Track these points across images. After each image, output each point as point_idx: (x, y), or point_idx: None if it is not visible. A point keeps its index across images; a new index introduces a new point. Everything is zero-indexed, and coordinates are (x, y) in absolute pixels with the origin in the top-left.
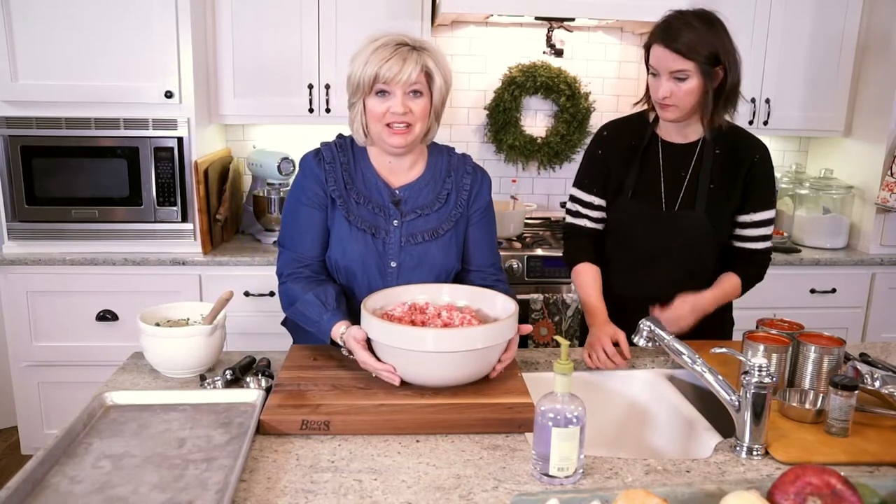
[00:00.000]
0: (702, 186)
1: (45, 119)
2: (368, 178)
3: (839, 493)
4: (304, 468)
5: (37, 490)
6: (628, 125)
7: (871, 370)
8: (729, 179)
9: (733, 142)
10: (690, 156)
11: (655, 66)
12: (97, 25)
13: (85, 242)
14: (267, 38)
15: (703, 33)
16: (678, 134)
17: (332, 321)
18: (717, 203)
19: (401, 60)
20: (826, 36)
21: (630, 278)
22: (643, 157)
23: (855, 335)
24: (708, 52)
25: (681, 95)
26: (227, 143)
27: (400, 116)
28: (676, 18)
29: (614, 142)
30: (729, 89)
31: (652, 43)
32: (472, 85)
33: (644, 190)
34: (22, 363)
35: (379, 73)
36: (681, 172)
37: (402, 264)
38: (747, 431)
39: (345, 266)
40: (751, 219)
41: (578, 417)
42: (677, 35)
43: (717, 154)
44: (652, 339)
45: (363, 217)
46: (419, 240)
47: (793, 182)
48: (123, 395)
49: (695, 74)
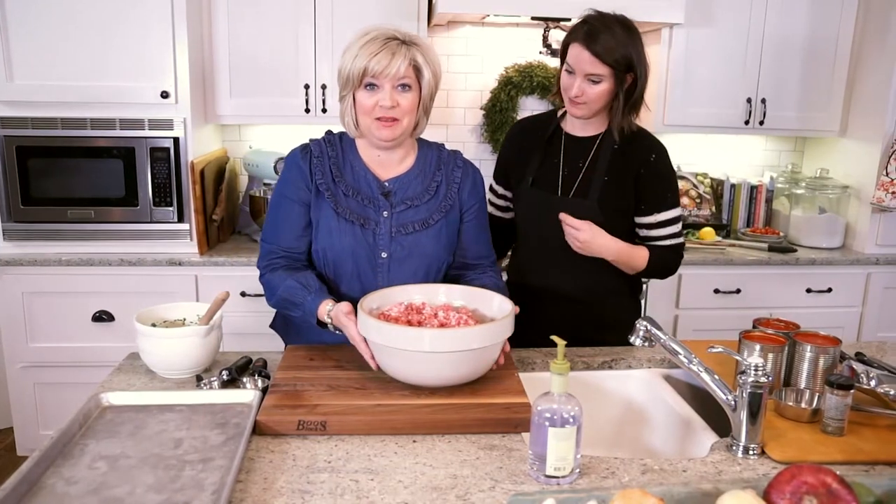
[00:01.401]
0: (597, 177)
1: (40, 119)
2: (357, 171)
3: (835, 493)
4: (300, 468)
5: (32, 491)
6: (536, 120)
7: (866, 369)
8: (623, 174)
9: (632, 139)
10: (590, 148)
11: (572, 64)
12: (93, 26)
13: (81, 243)
14: (263, 38)
15: (622, 40)
16: (581, 127)
17: (316, 300)
18: (610, 195)
19: (389, 54)
20: (821, 36)
21: (535, 268)
22: (546, 148)
23: (851, 334)
24: (624, 59)
25: (592, 96)
26: (223, 144)
27: (388, 110)
28: (599, 21)
29: (521, 135)
30: (637, 96)
31: (571, 41)
32: (469, 85)
33: (543, 179)
34: (18, 364)
35: (368, 67)
36: (579, 163)
37: (393, 254)
38: (743, 431)
39: (333, 257)
40: (654, 219)
41: (575, 417)
42: (598, 37)
43: (615, 148)
44: (648, 339)
45: (351, 208)
46: (409, 230)
47: (789, 182)
48: (119, 396)
49: (608, 79)
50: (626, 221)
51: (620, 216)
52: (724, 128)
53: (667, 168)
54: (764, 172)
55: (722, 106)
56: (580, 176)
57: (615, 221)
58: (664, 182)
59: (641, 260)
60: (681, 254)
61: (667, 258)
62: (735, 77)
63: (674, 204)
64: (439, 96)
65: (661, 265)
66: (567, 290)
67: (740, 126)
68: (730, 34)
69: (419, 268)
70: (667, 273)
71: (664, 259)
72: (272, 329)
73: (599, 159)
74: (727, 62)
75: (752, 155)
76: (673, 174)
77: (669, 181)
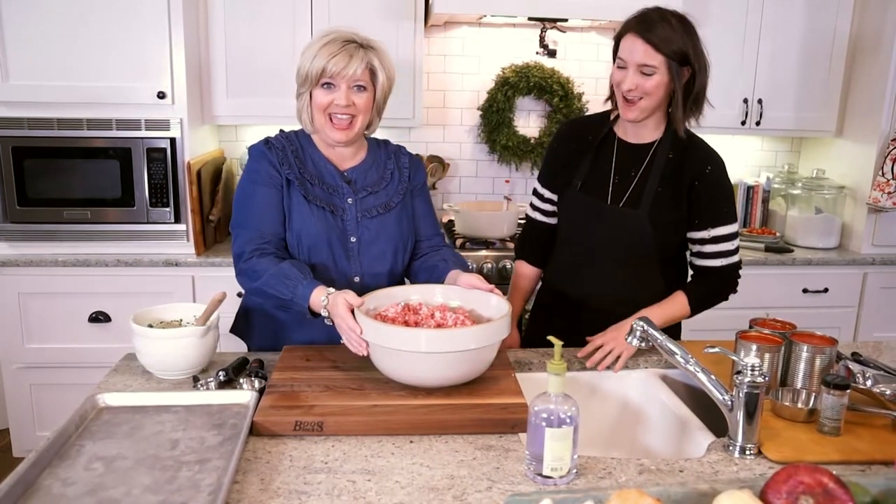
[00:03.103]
0: (649, 187)
1: (36, 120)
2: (318, 162)
3: (831, 492)
4: (297, 469)
5: (29, 492)
6: (588, 121)
7: (862, 369)
8: (676, 185)
9: (688, 149)
10: (644, 156)
11: (625, 56)
12: (89, 26)
13: (77, 244)
14: (260, 38)
15: (677, 31)
16: (634, 134)
17: (311, 286)
18: (661, 206)
19: (347, 56)
20: (818, 36)
21: (575, 275)
22: (597, 153)
23: (847, 334)
24: (679, 49)
25: (646, 89)
26: (219, 144)
27: (343, 108)
28: (654, 12)
29: (570, 137)
30: (696, 92)
31: (625, 33)
32: (466, 85)
33: (592, 184)
34: (14, 365)
35: (326, 67)
36: (631, 171)
37: (362, 238)
38: (740, 431)
39: (309, 243)
40: (708, 234)
41: (572, 417)
42: (652, 27)
43: (669, 158)
44: (645, 339)
45: (320, 196)
46: (374, 213)
47: (785, 182)
48: (116, 397)
49: (662, 71)
50: (676, 236)
51: (671, 229)
52: (721, 128)
53: (723, 181)
54: (760, 173)
55: (718, 106)
56: (632, 185)
57: (665, 235)
58: (720, 195)
59: (680, 307)
60: (735, 273)
61: (714, 288)
62: (732, 77)
63: (730, 219)
64: (436, 97)
65: (709, 297)
66: (607, 300)
67: (737, 126)
68: (726, 34)
69: (387, 249)
70: (721, 299)
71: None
72: (233, 334)
73: (653, 169)
74: (724, 62)
75: (749, 155)
76: (730, 188)
77: (726, 195)
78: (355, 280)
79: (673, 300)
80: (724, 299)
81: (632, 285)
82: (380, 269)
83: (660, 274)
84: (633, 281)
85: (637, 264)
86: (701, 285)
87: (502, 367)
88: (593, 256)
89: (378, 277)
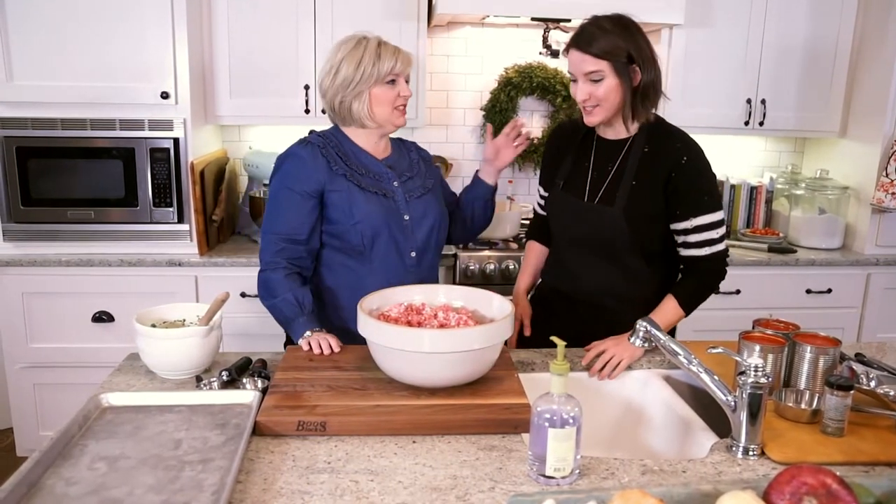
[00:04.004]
0: (625, 182)
1: (40, 120)
2: (359, 154)
3: (835, 493)
4: (300, 469)
5: (32, 492)
6: (574, 122)
7: (866, 370)
8: (652, 178)
9: (663, 141)
10: (620, 151)
11: (573, 70)
12: (93, 26)
13: (81, 243)
14: (263, 38)
15: (614, 35)
16: (611, 131)
17: (306, 327)
18: (637, 201)
19: (404, 56)
20: (821, 36)
21: (564, 271)
22: (577, 151)
23: (850, 335)
24: (618, 49)
25: (599, 96)
26: (223, 144)
27: (406, 98)
28: (590, 24)
29: (557, 137)
30: (646, 86)
31: (568, 49)
32: (469, 86)
33: (573, 182)
34: (17, 365)
35: (394, 67)
36: (608, 167)
37: (412, 216)
38: (743, 431)
39: (371, 226)
40: (691, 224)
41: (575, 418)
42: (590, 39)
43: (645, 152)
44: (648, 340)
45: (371, 183)
46: (418, 193)
47: (788, 183)
48: (119, 397)
49: (609, 74)
50: (655, 228)
51: (649, 222)
52: (724, 128)
53: (701, 169)
54: (764, 173)
55: (722, 107)
56: (608, 180)
57: (643, 229)
58: (699, 184)
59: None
60: (720, 263)
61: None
62: (735, 78)
63: (712, 207)
64: (439, 97)
65: (698, 293)
66: (596, 295)
67: (740, 127)
68: (730, 35)
69: (433, 225)
70: (711, 291)
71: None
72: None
73: (628, 163)
74: (727, 63)
75: (752, 155)
76: (710, 177)
77: (705, 184)
78: (412, 255)
79: (664, 306)
80: (714, 291)
81: (619, 279)
82: (431, 243)
83: (646, 266)
84: (619, 274)
85: (619, 258)
86: (688, 283)
87: (505, 367)
88: (578, 252)
89: (428, 251)
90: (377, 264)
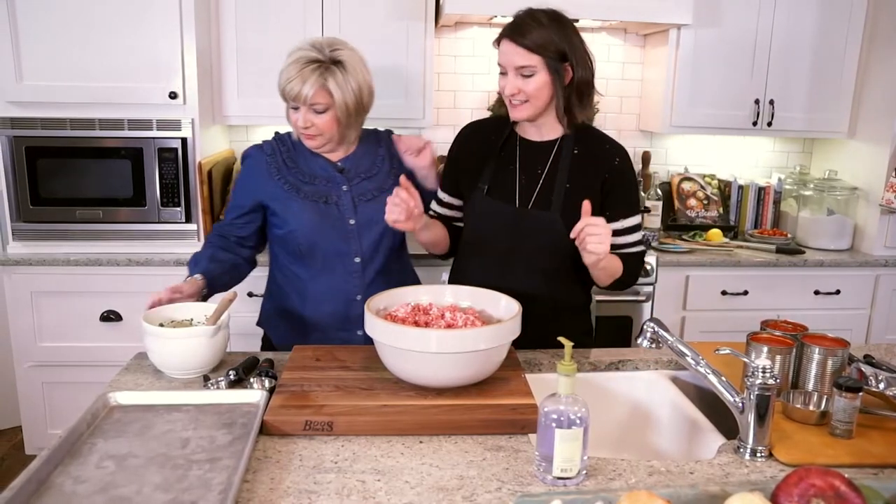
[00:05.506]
0: (558, 186)
1: (49, 120)
2: (310, 159)
3: (843, 495)
4: (307, 469)
5: (41, 490)
6: (487, 123)
7: (875, 372)
8: (587, 181)
9: (593, 143)
10: (548, 154)
11: (503, 62)
12: (102, 27)
13: (89, 243)
14: (270, 38)
15: (549, 30)
16: (536, 132)
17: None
18: (573, 204)
19: (301, 81)
20: (830, 37)
21: (488, 281)
22: (500, 154)
23: (859, 337)
24: (554, 47)
25: (529, 91)
26: (230, 144)
27: (302, 129)
28: (526, 15)
29: (470, 140)
30: (579, 85)
31: (500, 40)
32: (476, 86)
33: (499, 188)
34: (26, 363)
35: (285, 91)
36: (537, 170)
37: (359, 221)
38: (751, 433)
39: (303, 235)
40: (621, 226)
41: (582, 419)
42: (525, 31)
43: (575, 154)
44: (655, 341)
45: (313, 191)
46: (369, 197)
47: (797, 183)
48: (127, 396)
49: (541, 70)
50: None
51: None
52: (732, 129)
53: (632, 172)
54: (772, 174)
55: (730, 107)
56: (539, 184)
57: None
58: (630, 187)
59: (619, 263)
60: (643, 261)
61: (633, 267)
62: (743, 78)
63: (637, 209)
64: (447, 97)
65: (632, 272)
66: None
67: (748, 127)
68: (738, 35)
69: (385, 231)
70: (632, 282)
71: (632, 267)
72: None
73: (560, 166)
74: (735, 63)
75: (760, 156)
76: (636, 178)
77: (635, 186)
78: (356, 260)
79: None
80: (634, 283)
81: (549, 284)
82: (380, 248)
83: (573, 270)
84: (549, 280)
85: (553, 263)
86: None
87: (512, 367)
88: (509, 260)
89: (378, 256)
90: (318, 270)
